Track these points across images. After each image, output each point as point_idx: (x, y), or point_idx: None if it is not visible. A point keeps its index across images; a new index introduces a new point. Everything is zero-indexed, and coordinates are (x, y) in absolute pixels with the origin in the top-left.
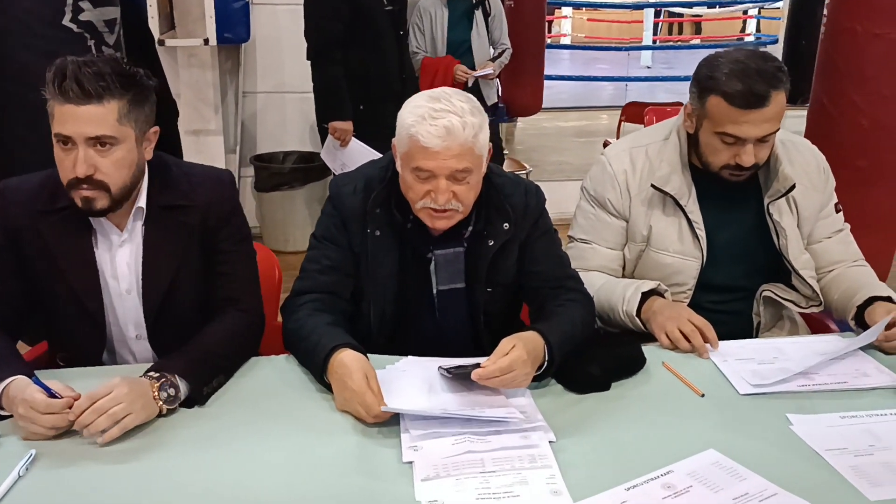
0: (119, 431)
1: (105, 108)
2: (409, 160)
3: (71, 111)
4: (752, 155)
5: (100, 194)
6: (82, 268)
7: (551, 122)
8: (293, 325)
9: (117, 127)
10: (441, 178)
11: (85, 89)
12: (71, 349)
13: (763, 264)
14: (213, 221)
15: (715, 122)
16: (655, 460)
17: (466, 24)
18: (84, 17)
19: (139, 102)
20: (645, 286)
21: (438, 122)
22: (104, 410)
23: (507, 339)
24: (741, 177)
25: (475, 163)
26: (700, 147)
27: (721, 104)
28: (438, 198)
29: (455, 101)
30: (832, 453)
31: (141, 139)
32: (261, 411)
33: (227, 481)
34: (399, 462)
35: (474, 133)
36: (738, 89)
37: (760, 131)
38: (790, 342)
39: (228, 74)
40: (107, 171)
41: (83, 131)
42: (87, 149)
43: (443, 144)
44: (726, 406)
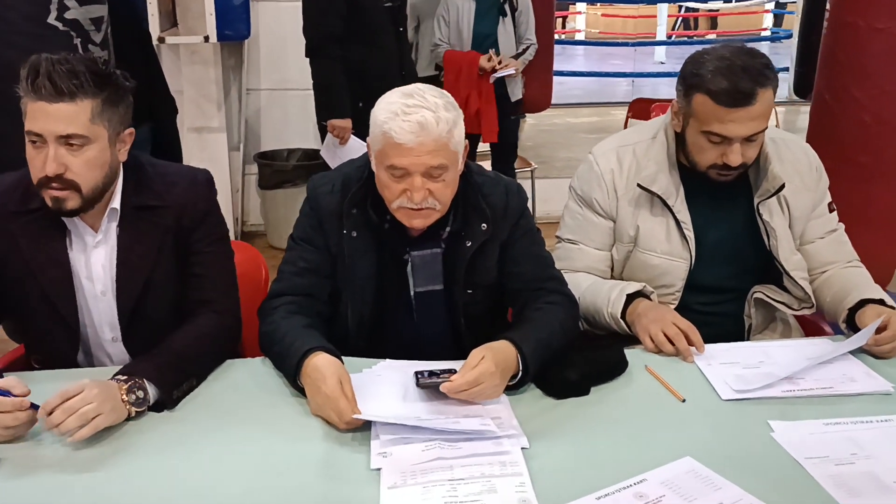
0: (90, 431)
1: (77, 106)
2: (383, 158)
3: (42, 108)
4: (738, 154)
5: (70, 194)
6: (55, 270)
7: (561, 119)
8: (268, 328)
9: (89, 126)
10: (416, 175)
11: (58, 87)
12: (45, 351)
13: (753, 265)
14: (188, 222)
15: (701, 121)
16: (630, 468)
17: (493, 19)
18: (70, 15)
19: (113, 103)
20: (630, 288)
21: (411, 118)
22: (74, 410)
23: (477, 351)
24: (728, 177)
25: (451, 159)
26: (687, 146)
27: (706, 102)
28: (414, 196)
29: (428, 97)
30: (812, 462)
31: (114, 140)
32: (231, 415)
33: (191, 487)
34: (367, 469)
35: (448, 128)
36: (723, 87)
37: (747, 130)
38: (778, 345)
39: (232, 71)
40: (78, 170)
41: (54, 129)
42: (57, 147)
43: (416, 140)
44: (707, 412)
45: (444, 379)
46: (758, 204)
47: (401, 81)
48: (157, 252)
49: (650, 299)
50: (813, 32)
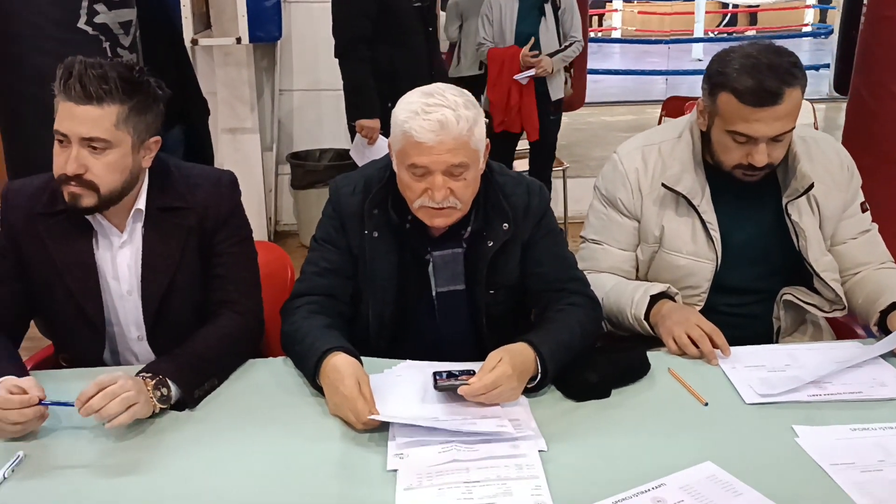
0: (128, 418)
1: (103, 110)
2: (404, 157)
3: (70, 109)
4: (764, 154)
5: (87, 192)
6: (81, 270)
7: (596, 118)
8: (289, 328)
9: (113, 131)
10: (437, 174)
11: (87, 90)
12: (72, 350)
13: (782, 266)
14: (211, 223)
15: (726, 120)
16: (648, 472)
17: (536, 17)
18: (99, 19)
19: (141, 111)
20: (654, 289)
21: (431, 117)
22: (115, 395)
23: (494, 353)
24: (754, 177)
25: (471, 157)
26: (712, 145)
27: (731, 101)
28: (435, 195)
29: (448, 96)
30: (837, 468)
31: (138, 147)
32: (250, 415)
33: (209, 486)
34: (383, 470)
35: (468, 127)
36: (748, 86)
37: (772, 130)
38: (805, 348)
39: (264, 73)
40: (97, 172)
41: (78, 131)
42: (80, 148)
43: (436, 139)
44: (730, 416)
45: (462, 382)
46: (786, 204)
47: (430, 81)
48: (180, 253)
49: (674, 300)
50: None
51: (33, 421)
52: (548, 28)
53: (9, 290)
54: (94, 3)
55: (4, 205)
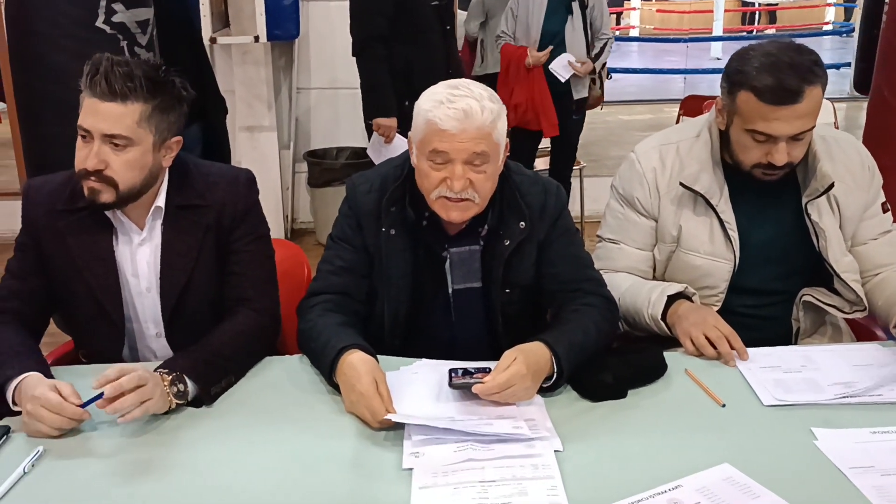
0: (142, 413)
1: (127, 108)
2: (425, 145)
3: (94, 105)
4: (784, 154)
5: (105, 188)
6: (101, 266)
7: (613, 116)
8: (305, 326)
9: (135, 129)
10: (457, 163)
11: (112, 87)
12: (91, 346)
13: (801, 267)
14: (228, 221)
15: (745, 119)
16: (665, 473)
17: (562, 16)
18: (117, 18)
19: (165, 110)
20: (671, 289)
21: (456, 105)
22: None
23: (509, 352)
24: (774, 176)
25: (493, 150)
26: (731, 144)
27: (751, 100)
28: (454, 184)
29: (474, 88)
30: (856, 471)
31: (160, 146)
32: (265, 412)
33: (225, 482)
34: (399, 468)
35: (492, 118)
36: (768, 84)
37: (792, 129)
38: (821, 350)
39: (282, 71)
40: (117, 168)
41: (100, 127)
42: (101, 144)
43: (460, 126)
44: (748, 417)
45: (477, 380)
46: (806, 203)
47: (447, 80)
48: (198, 250)
49: (692, 301)
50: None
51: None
52: (574, 27)
53: (30, 286)
54: (111, 3)
55: (26, 201)
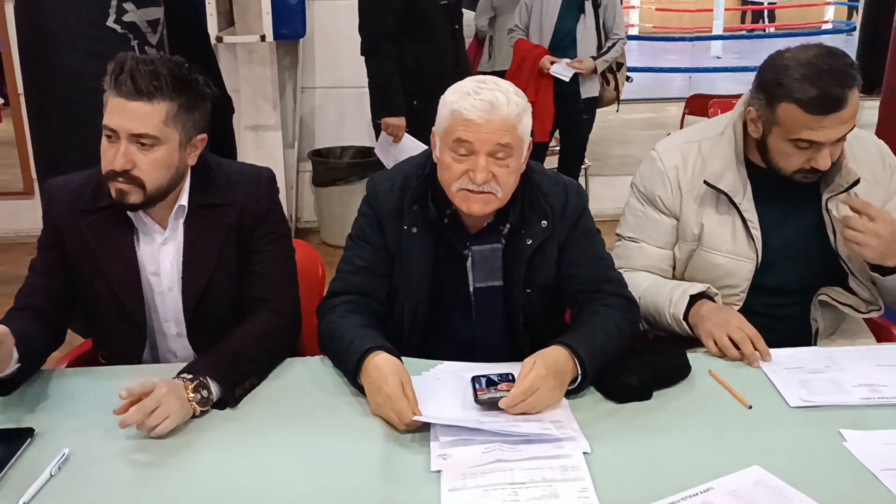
0: (160, 432)
1: (153, 107)
2: (449, 135)
3: (120, 105)
4: (828, 158)
5: (134, 189)
6: (122, 266)
7: (615, 115)
8: (326, 327)
9: (162, 128)
10: (481, 154)
11: (138, 86)
12: (112, 347)
13: (821, 266)
14: (249, 220)
15: (788, 130)
16: (695, 476)
17: (575, 14)
18: (128, 17)
19: (190, 108)
20: (693, 289)
21: (483, 97)
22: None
23: (528, 360)
24: (815, 177)
25: (517, 143)
26: (769, 153)
27: (795, 112)
28: (477, 175)
29: (500, 83)
30: (888, 473)
31: (186, 144)
32: (290, 413)
33: (250, 485)
34: (427, 471)
35: (518, 112)
36: (813, 95)
37: (837, 134)
38: (843, 351)
39: (287, 70)
40: (144, 168)
41: (127, 126)
42: (128, 144)
43: (486, 117)
44: (775, 419)
45: (503, 393)
46: (827, 200)
47: (456, 79)
48: (220, 249)
49: (714, 301)
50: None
51: None
52: (586, 26)
53: (53, 283)
54: (122, 2)
55: (48, 200)
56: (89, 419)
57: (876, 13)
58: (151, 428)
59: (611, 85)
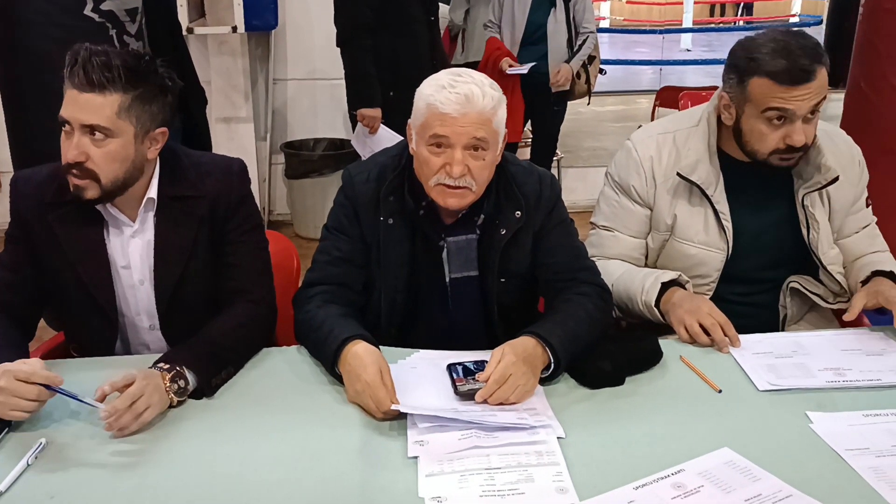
0: (138, 426)
1: (105, 99)
2: (425, 130)
3: (74, 96)
4: (802, 134)
5: (89, 183)
6: (92, 259)
7: (587, 108)
8: (303, 317)
9: (114, 120)
10: (457, 148)
11: (89, 77)
12: (83, 340)
13: (790, 257)
14: (222, 211)
15: (760, 103)
16: (666, 458)
17: (546, 8)
18: (105, 6)
19: (145, 100)
20: (665, 276)
21: (458, 90)
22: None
23: (496, 350)
24: (791, 160)
25: (492, 137)
26: (743, 136)
27: (765, 84)
28: (454, 169)
29: (476, 76)
30: (852, 453)
31: (142, 137)
32: (268, 403)
33: (229, 474)
34: (404, 457)
35: (493, 105)
36: (783, 66)
37: (807, 104)
38: (811, 336)
39: (259, 62)
40: (98, 161)
41: (79, 118)
42: (81, 136)
43: (461, 111)
44: (744, 402)
45: (482, 384)
46: (804, 195)
47: (431, 70)
48: (192, 242)
49: (685, 289)
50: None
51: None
52: (556, 19)
53: (22, 277)
54: None
55: (14, 194)
56: (65, 410)
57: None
58: (132, 420)
59: (581, 78)
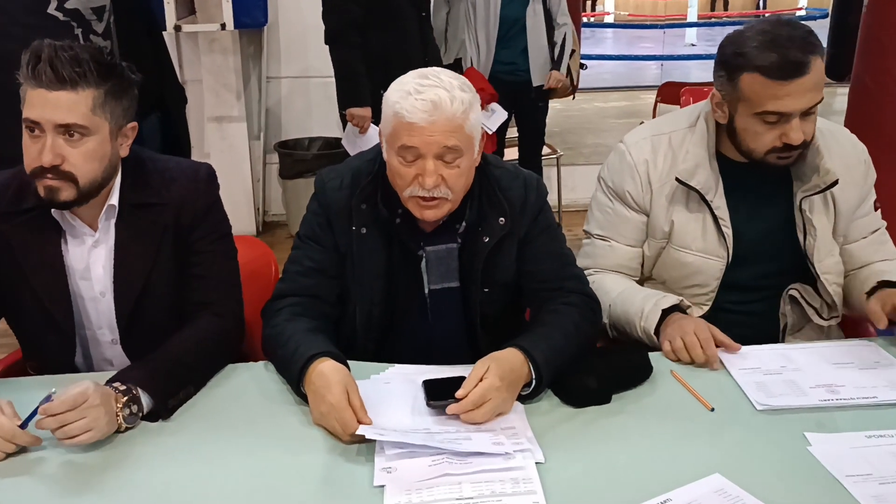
0: (88, 440)
1: (78, 95)
2: (394, 140)
3: (42, 96)
4: (800, 131)
5: (65, 185)
6: (48, 271)
7: (589, 104)
8: (271, 331)
9: (90, 117)
10: (428, 158)
11: (59, 74)
12: (40, 356)
13: (791, 264)
14: (187, 220)
15: (753, 103)
16: (653, 486)
17: (522, 1)
18: (70, 4)
19: (116, 95)
20: (665, 302)
21: (424, 96)
22: (70, 422)
23: (481, 363)
24: (790, 158)
25: (465, 143)
26: (738, 135)
27: (756, 80)
28: (426, 180)
29: (444, 77)
30: (853, 479)
31: (116, 133)
32: (227, 425)
33: (182, 502)
34: (370, 485)
35: (464, 109)
36: (773, 60)
37: (804, 103)
38: (801, 349)
39: (252, 60)
40: (75, 162)
41: (52, 118)
42: (55, 137)
43: (429, 119)
44: (738, 422)
45: (453, 400)
46: (801, 199)
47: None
48: (155, 252)
49: (686, 314)
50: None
51: None
52: (535, 12)
53: None
54: None
55: None
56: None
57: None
58: (69, 437)
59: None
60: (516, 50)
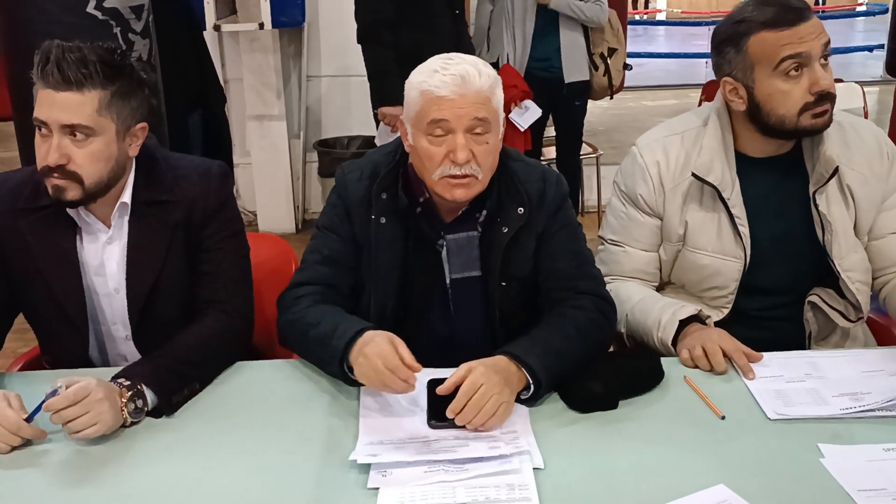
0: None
1: (84, 96)
2: (422, 119)
3: (49, 96)
4: (826, 75)
5: (71, 185)
6: (63, 268)
7: (637, 102)
8: (293, 317)
9: (95, 118)
10: (459, 132)
11: (65, 75)
12: (56, 351)
13: (811, 265)
14: (199, 217)
15: (769, 58)
16: (653, 496)
17: None
18: (109, 3)
19: (124, 96)
20: (683, 312)
21: (451, 71)
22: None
23: (463, 365)
24: (826, 115)
25: (493, 117)
26: (764, 109)
27: (765, 37)
28: (458, 155)
29: (467, 57)
30: (866, 494)
31: (123, 134)
32: (227, 423)
33: (179, 500)
34: (363, 488)
35: (490, 83)
36: (775, 11)
37: (819, 42)
38: (827, 356)
39: (292, 59)
40: (80, 162)
41: (58, 118)
42: (61, 137)
43: (459, 91)
44: (748, 432)
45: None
46: (814, 193)
47: None
48: (166, 249)
49: (705, 324)
50: None
51: None
52: None
53: None
54: None
55: None
56: None
57: None
58: (74, 432)
59: (599, 70)
60: (551, 47)
